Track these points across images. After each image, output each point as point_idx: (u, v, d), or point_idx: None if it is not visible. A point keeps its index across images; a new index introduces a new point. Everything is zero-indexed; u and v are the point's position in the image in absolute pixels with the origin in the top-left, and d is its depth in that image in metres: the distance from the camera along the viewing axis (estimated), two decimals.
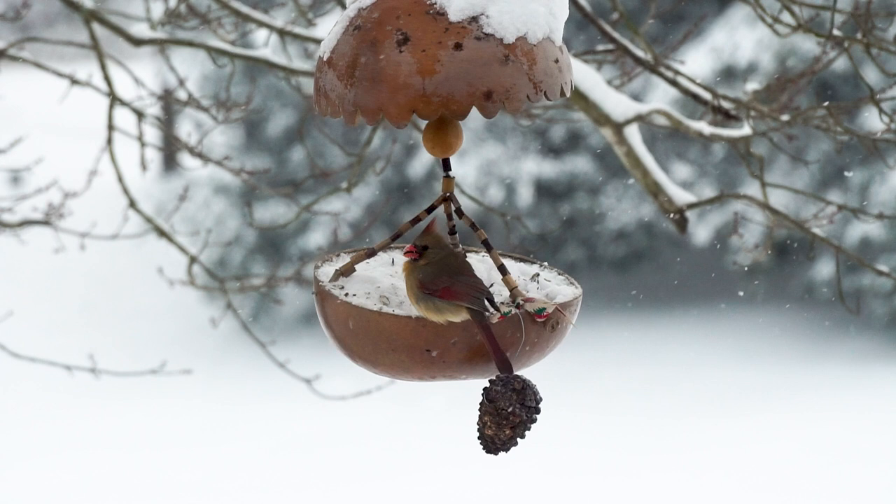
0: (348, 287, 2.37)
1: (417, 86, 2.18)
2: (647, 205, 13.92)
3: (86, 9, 4.52)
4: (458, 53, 2.18)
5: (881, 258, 12.72)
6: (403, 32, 2.20)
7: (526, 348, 2.29)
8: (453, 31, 2.19)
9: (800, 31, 3.54)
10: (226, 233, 14.15)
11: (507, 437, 2.28)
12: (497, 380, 2.27)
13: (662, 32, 12.71)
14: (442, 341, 2.25)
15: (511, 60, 2.20)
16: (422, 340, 2.26)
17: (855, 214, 3.99)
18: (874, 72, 9.96)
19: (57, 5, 18.12)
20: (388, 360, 2.29)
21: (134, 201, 4.80)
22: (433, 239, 2.32)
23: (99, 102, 6.23)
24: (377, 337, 2.28)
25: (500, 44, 2.20)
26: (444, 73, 2.18)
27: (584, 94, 3.90)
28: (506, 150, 14.02)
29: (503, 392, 2.26)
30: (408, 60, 2.19)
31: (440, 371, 2.29)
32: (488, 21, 2.21)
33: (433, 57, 2.18)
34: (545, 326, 2.29)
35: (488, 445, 2.30)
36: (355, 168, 4.49)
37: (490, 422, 2.28)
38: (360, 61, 2.22)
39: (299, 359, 5.95)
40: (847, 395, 12.02)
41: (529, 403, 2.27)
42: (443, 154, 2.33)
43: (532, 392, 2.27)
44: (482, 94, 2.18)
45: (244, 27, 4.59)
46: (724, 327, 13.84)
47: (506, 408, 2.27)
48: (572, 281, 2.43)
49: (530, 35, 2.22)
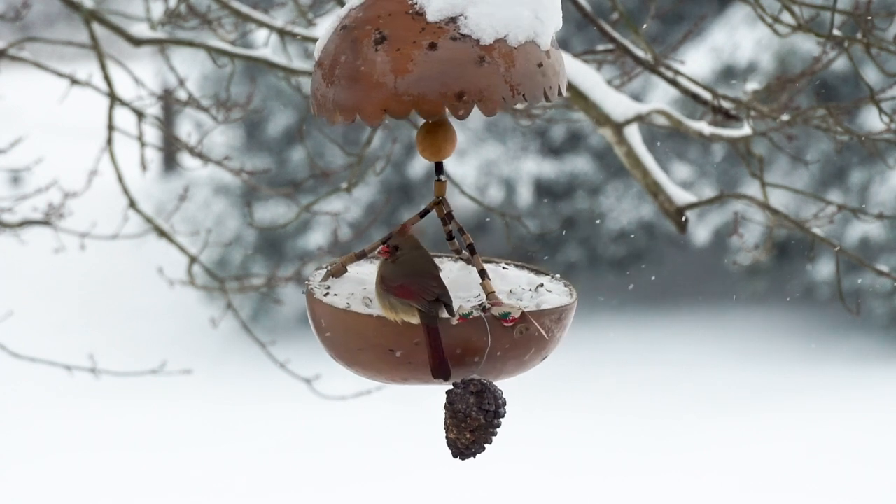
0: (335, 288, 2.37)
1: (390, 85, 2.18)
2: (647, 205, 13.91)
3: (86, 9, 4.52)
4: (432, 53, 2.17)
5: (881, 258, 12.72)
6: (381, 32, 2.20)
7: (497, 354, 2.25)
8: (429, 31, 2.19)
9: (800, 31, 3.54)
10: (226, 233, 14.15)
11: (470, 441, 2.25)
12: (459, 382, 2.25)
13: (662, 32, 12.71)
14: (405, 341, 2.24)
15: (487, 62, 2.18)
16: (385, 340, 2.25)
17: (855, 214, 3.99)
18: (874, 72, 9.96)
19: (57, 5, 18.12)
20: (361, 359, 2.28)
21: (134, 201, 4.80)
22: (407, 240, 2.31)
23: (99, 102, 6.23)
24: (346, 335, 2.28)
25: (476, 45, 2.18)
26: (417, 73, 2.17)
27: (584, 94, 3.90)
28: (506, 150, 14.02)
29: (462, 395, 2.24)
30: (383, 59, 2.18)
31: (410, 373, 2.27)
32: (466, 22, 2.20)
33: (407, 56, 2.17)
34: (513, 332, 2.25)
35: (454, 449, 2.27)
36: (355, 168, 4.48)
37: (451, 425, 2.25)
38: (341, 60, 2.22)
39: (299, 359, 5.95)
40: (847, 395, 12.01)
41: (487, 407, 2.23)
42: (435, 158, 2.33)
43: (491, 396, 2.24)
44: (454, 95, 2.17)
45: (244, 27, 4.59)
46: (724, 327, 13.84)
47: (462, 411, 2.24)
48: (571, 292, 2.41)
49: (511, 38, 2.21)
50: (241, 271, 13.69)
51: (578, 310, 2.41)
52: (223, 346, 13.73)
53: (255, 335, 5.13)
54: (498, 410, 2.25)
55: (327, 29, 2.30)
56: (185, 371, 5.99)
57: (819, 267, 12.97)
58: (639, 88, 12.95)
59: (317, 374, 5.02)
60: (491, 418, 2.24)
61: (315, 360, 6.24)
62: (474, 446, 2.26)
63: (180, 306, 14.48)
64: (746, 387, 12.39)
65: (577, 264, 14.27)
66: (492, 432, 2.26)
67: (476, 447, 2.26)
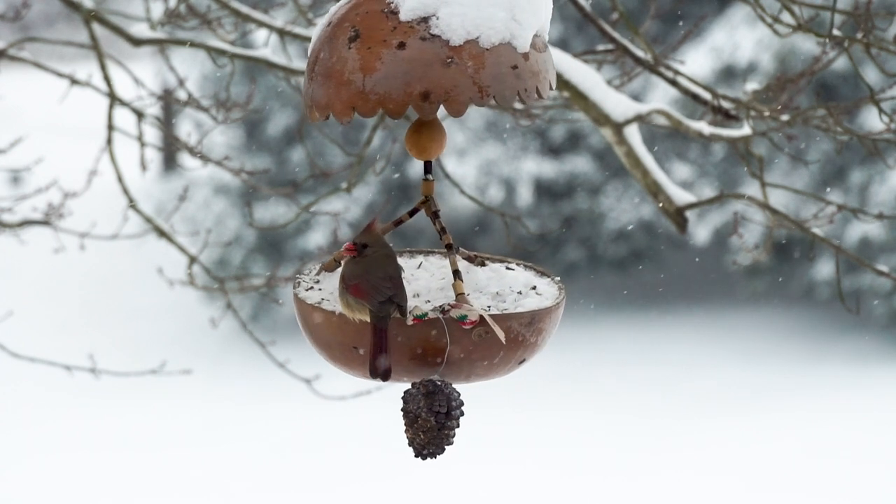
0: (323, 283, 2.38)
1: (358, 83, 2.19)
2: (647, 205, 13.91)
3: (86, 9, 4.52)
4: (400, 52, 2.18)
5: (881, 258, 12.72)
6: (356, 29, 2.21)
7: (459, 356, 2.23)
8: (400, 31, 2.19)
9: (800, 31, 3.54)
10: (226, 233, 14.15)
11: (424, 441, 2.24)
12: (415, 383, 2.24)
13: (662, 32, 12.71)
14: (365, 340, 2.24)
15: (455, 63, 2.19)
16: (347, 337, 2.26)
17: (855, 214, 3.99)
18: (874, 72, 9.96)
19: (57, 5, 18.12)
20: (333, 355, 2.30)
21: (134, 201, 4.80)
22: (373, 237, 2.30)
23: (99, 102, 6.23)
24: (314, 331, 2.30)
25: (444, 45, 2.19)
26: (384, 72, 2.18)
27: (584, 94, 3.90)
28: (506, 150, 14.02)
29: (414, 395, 2.24)
30: (354, 57, 2.20)
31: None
32: (437, 22, 2.20)
33: (376, 55, 2.18)
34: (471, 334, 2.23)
35: (413, 448, 2.26)
36: (355, 168, 4.48)
37: (406, 425, 2.26)
38: (320, 57, 2.24)
39: (299, 359, 5.94)
40: (847, 395, 12.02)
41: (438, 409, 2.22)
42: (422, 157, 2.34)
43: (444, 398, 2.22)
44: (419, 94, 2.18)
45: (244, 27, 4.59)
46: (724, 327, 13.84)
47: (413, 411, 2.24)
48: (558, 297, 2.39)
49: (483, 39, 2.21)
50: (241, 271, 13.69)
51: (578, 310, 2.41)
52: (223, 346, 13.73)
53: (255, 335, 5.13)
54: (450, 413, 2.22)
55: (319, 27, 2.31)
56: (185, 371, 5.99)
57: (819, 267, 12.97)
58: (639, 88, 12.95)
59: (316, 374, 5.02)
60: (443, 420, 2.22)
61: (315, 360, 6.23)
62: (430, 447, 2.25)
63: (180, 306, 14.48)
64: (746, 387, 12.39)
65: (577, 264, 14.26)
66: (446, 434, 2.23)
67: (432, 447, 2.25)
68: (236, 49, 4.40)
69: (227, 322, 12.97)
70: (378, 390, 4.96)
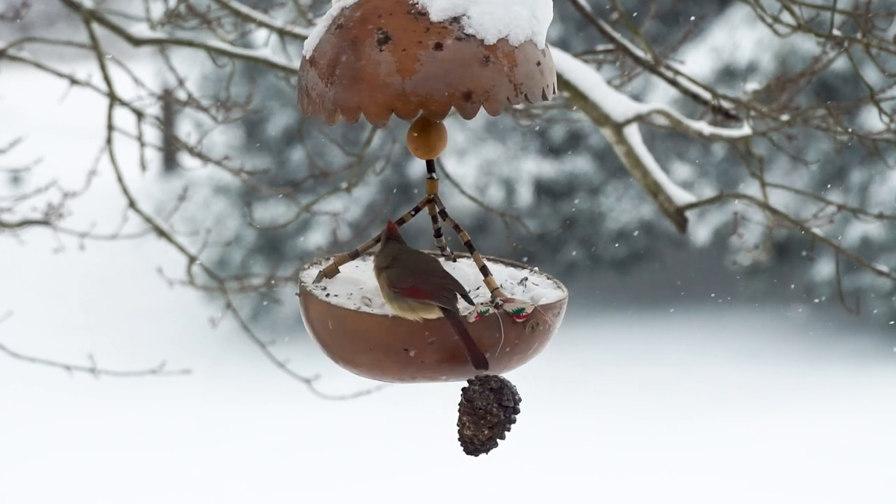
0: (331, 288, 2.37)
1: (397, 85, 2.18)
2: (647, 205, 13.91)
3: (85, 9, 4.52)
4: (438, 53, 2.18)
5: (881, 258, 12.72)
6: (384, 31, 2.20)
7: (506, 350, 2.27)
8: (434, 31, 2.19)
9: (800, 31, 3.54)
10: (226, 233, 14.14)
11: (486, 437, 2.27)
12: (475, 379, 2.27)
13: (662, 32, 12.71)
14: (418, 340, 2.25)
15: (491, 62, 2.19)
16: (398, 340, 2.25)
17: (855, 214, 3.99)
18: (874, 72, 9.95)
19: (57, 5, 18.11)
20: (366, 359, 2.28)
21: (133, 201, 4.80)
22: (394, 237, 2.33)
23: (98, 102, 6.23)
24: (354, 337, 2.28)
25: (480, 45, 2.19)
26: (424, 73, 2.18)
27: (584, 94, 3.90)
28: (506, 150, 14.02)
29: (480, 392, 2.26)
30: (388, 59, 2.19)
31: (419, 371, 2.28)
32: (469, 22, 2.20)
33: (413, 56, 2.18)
34: (524, 327, 2.27)
35: (468, 446, 2.29)
36: (355, 168, 4.48)
37: (468, 422, 2.27)
38: (341, 60, 2.22)
39: (299, 359, 5.94)
40: (847, 395, 12.01)
41: (507, 403, 2.26)
42: (426, 156, 2.34)
43: (510, 392, 2.26)
44: (461, 95, 2.18)
45: (244, 27, 4.59)
46: (724, 327, 13.83)
47: (483, 407, 2.26)
48: (559, 285, 2.42)
49: (512, 37, 2.22)
50: (241, 271, 13.69)
51: (578, 310, 2.43)
52: (223, 346, 13.73)
53: (255, 335, 5.13)
54: (516, 406, 2.27)
55: (318, 28, 2.30)
56: (185, 371, 5.99)
57: (819, 267, 12.97)
58: (639, 88, 12.95)
59: (316, 374, 5.01)
60: (510, 414, 2.27)
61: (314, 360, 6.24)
62: (490, 442, 2.28)
63: (180, 306, 14.48)
64: (746, 387, 12.39)
65: (577, 264, 14.26)
66: (507, 428, 2.28)
67: (491, 443, 2.28)
68: (236, 49, 4.40)
69: (226, 322, 12.96)
70: (378, 390, 4.96)
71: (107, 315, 14.91)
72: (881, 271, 3.92)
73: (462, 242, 2.37)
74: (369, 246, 2.43)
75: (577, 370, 12.59)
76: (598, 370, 12.90)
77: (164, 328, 14.45)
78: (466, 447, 2.29)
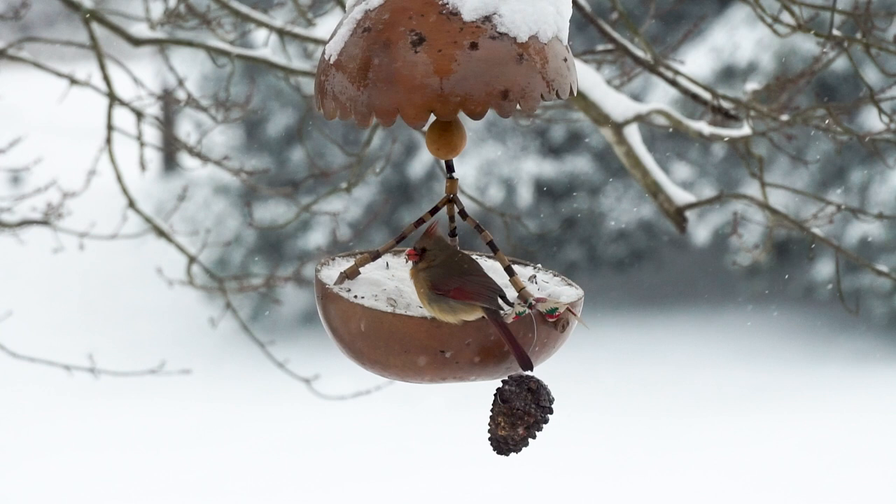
0: (355, 289, 2.36)
1: (435, 86, 2.18)
2: (647, 205, 13.91)
3: (85, 9, 4.52)
4: (474, 53, 2.19)
5: (881, 258, 12.72)
6: (418, 33, 2.20)
7: (536, 349, 2.29)
8: (468, 31, 2.20)
9: (800, 31, 3.53)
10: (225, 233, 14.14)
11: (521, 436, 2.30)
12: (510, 380, 2.28)
13: (662, 32, 12.71)
14: (456, 342, 2.25)
15: (525, 59, 2.20)
16: (436, 342, 2.25)
17: (855, 214, 3.98)
18: (874, 72, 9.95)
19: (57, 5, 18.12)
20: (400, 361, 2.28)
21: (133, 201, 4.80)
22: (434, 241, 2.32)
23: (98, 102, 6.23)
24: (390, 339, 2.27)
25: (514, 43, 2.20)
26: (462, 73, 2.18)
27: (583, 94, 3.90)
28: (506, 150, 14.02)
29: (518, 392, 2.27)
30: (424, 61, 2.19)
31: (451, 373, 2.28)
32: (501, 20, 2.21)
33: (450, 57, 2.18)
34: (556, 327, 2.29)
35: (500, 446, 2.30)
36: (355, 168, 4.48)
37: (504, 422, 2.29)
38: (374, 63, 2.21)
39: (298, 359, 5.94)
40: (847, 395, 12.01)
41: (544, 403, 2.28)
42: (447, 156, 2.33)
43: (546, 392, 2.28)
44: (499, 94, 2.18)
45: (244, 27, 4.59)
46: (724, 327, 13.83)
47: (521, 408, 2.28)
48: (570, 282, 2.43)
49: (541, 34, 2.23)
50: (241, 271, 13.69)
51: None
52: (222, 346, 13.73)
53: (255, 335, 5.13)
54: (551, 406, 2.30)
55: (341, 32, 2.28)
56: (185, 371, 5.99)
57: (819, 267, 12.97)
58: (639, 88, 12.95)
59: (316, 374, 5.01)
60: (547, 413, 2.29)
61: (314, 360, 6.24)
62: (523, 442, 2.31)
63: (180, 306, 14.48)
64: (746, 387, 12.39)
65: (577, 264, 14.26)
66: (540, 427, 2.31)
67: (524, 443, 2.32)
68: (236, 49, 4.40)
69: (226, 322, 12.97)
70: (377, 390, 4.96)
71: (106, 315, 14.91)
72: (881, 271, 3.91)
73: (485, 243, 2.37)
74: (390, 247, 2.42)
75: (577, 370, 12.59)
76: (598, 370, 12.90)
77: (163, 328, 14.45)
78: (499, 448, 2.31)
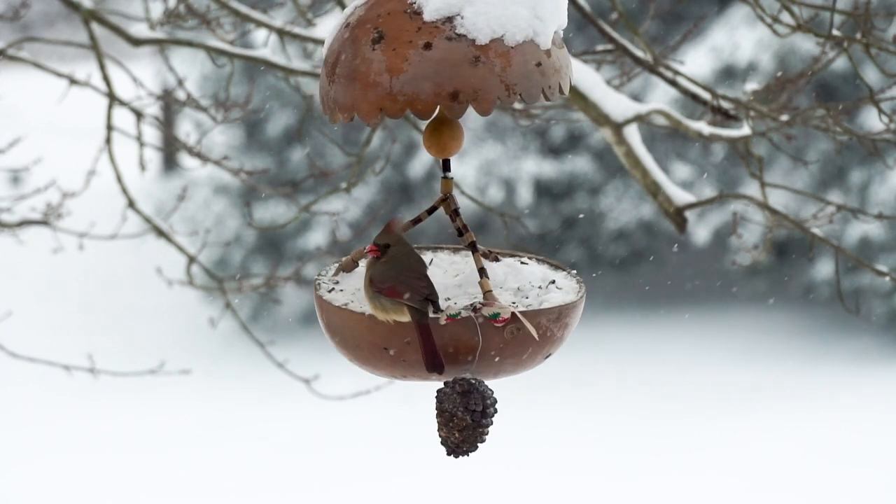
0: (343, 283, 2.38)
1: (385, 84, 2.18)
2: (647, 205, 13.91)
3: (85, 9, 4.52)
4: (426, 53, 2.18)
5: (881, 258, 12.72)
6: (379, 31, 2.20)
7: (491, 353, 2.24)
8: (425, 31, 2.19)
9: (800, 31, 3.53)
10: (225, 233, 14.14)
11: (459, 440, 2.25)
12: (450, 382, 2.25)
13: (662, 32, 12.70)
14: (396, 340, 2.24)
15: (482, 62, 2.18)
16: (378, 338, 2.25)
17: (855, 214, 3.98)
18: (874, 72, 9.95)
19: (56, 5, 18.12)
20: (358, 355, 2.29)
21: (133, 201, 4.79)
22: (394, 238, 2.31)
23: (98, 102, 6.23)
24: (343, 331, 2.29)
25: (471, 45, 2.18)
26: (411, 73, 2.17)
27: (583, 94, 3.90)
28: (506, 150, 14.01)
29: (449, 395, 2.24)
30: (379, 58, 2.19)
31: (407, 370, 2.27)
32: (462, 22, 2.20)
33: (402, 56, 2.18)
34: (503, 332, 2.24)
35: (446, 447, 2.27)
36: (355, 168, 4.48)
37: (440, 424, 2.26)
38: (341, 59, 2.23)
39: (298, 359, 5.94)
40: (847, 395, 12.01)
41: (474, 407, 2.23)
42: (441, 155, 2.33)
43: (479, 396, 2.23)
44: (448, 95, 2.17)
45: (243, 27, 4.59)
46: (724, 327, 13.83)
47: (450, 410, 2.24)
48: (580, 291, 2.40)
49: (508, 37, 2.21)
50: (241, 271, 13.69)
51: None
52: (222, 346, 13.73)
53: (254, 335, 5.13)
54: (485, 410, 2.24)
55: (333, 27, 2.30)
56: (184, 371, 5.99)
57: (819, 267, 12.96)
58: (639, 88, 12.95)
59: (316, 374, 5.01)
60: (478, 418, 2.24)
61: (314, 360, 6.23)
62: (464, 445, 2.25)
63: (179, 306, 14.48)
64: (746, 387, 12.39)
65: (577, 264, 14.26)
66: (481, 432, 2.25)
67: (466, 446, 2.26)
68: (236, 49, 4.39)
69: (226, 322, 12.96)
70: (377, 390, 4.96)
71: (106, 315, 14.91)
72: (881, 271, 3.91)
73: (465, 244, 2.36)
74: None
75: (577, 370, 12.59)
76: (598, 370, 12.89)
77: (163, 328, 14.45)
78: (445, 449, 2.28)
